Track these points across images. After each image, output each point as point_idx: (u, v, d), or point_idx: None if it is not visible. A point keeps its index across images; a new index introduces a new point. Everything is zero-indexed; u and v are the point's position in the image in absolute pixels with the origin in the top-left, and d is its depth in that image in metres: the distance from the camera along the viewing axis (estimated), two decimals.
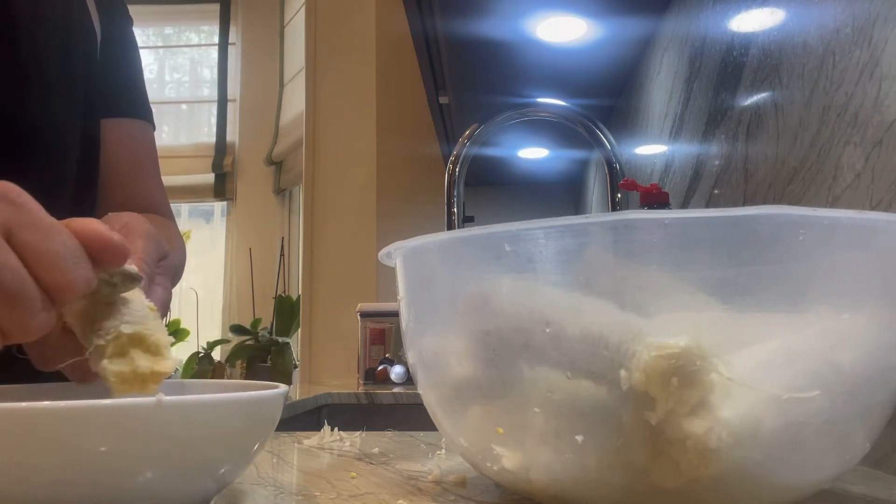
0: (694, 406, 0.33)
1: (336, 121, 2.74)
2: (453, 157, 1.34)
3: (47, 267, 0.35)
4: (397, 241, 0.45)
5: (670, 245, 0.34)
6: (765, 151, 0.89)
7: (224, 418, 0.37)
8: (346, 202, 2.68)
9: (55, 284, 0.35)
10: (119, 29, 0.78)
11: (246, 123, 3.95)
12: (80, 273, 0.36)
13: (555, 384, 0.36)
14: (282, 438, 0.75)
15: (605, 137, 1.27)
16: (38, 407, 0.33)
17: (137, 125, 0.78)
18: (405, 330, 0.47)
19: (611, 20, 1.51)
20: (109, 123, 0.75)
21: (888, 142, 0.60)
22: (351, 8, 2.77)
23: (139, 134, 0.78)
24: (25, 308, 0.34)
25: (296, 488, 0.49)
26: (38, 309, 0.35)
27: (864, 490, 0.48)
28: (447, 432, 0.46)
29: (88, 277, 0.36)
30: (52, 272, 0.35)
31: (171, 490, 0.37)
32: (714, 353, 0.33)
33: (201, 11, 4.09)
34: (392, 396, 1.54)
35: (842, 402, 0.35)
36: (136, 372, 0.38)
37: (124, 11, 0.80)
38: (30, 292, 0.34)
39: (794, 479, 0.37)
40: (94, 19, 0.73)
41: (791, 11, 0.82)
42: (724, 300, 0.34)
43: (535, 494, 0.42)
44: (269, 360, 3.25)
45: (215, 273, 3.91)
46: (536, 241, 0.37)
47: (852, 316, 0.36)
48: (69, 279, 0.35)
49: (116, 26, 0.77)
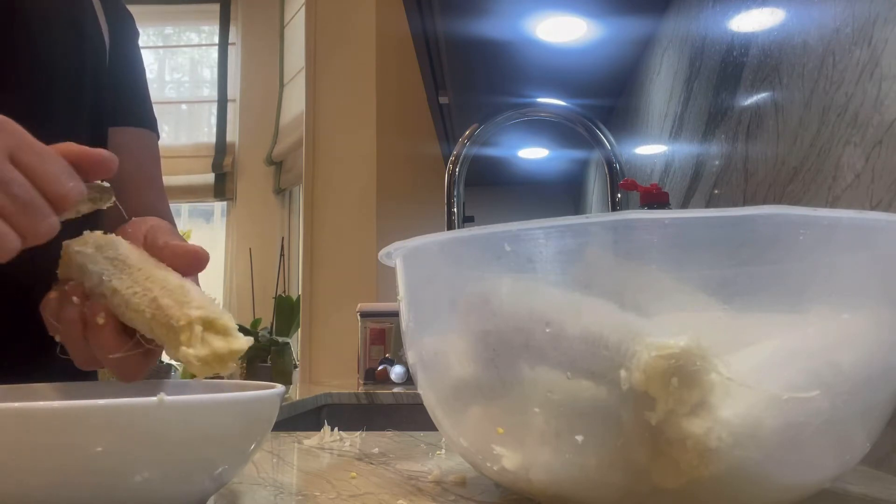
0: (694, 406, 0.32)
1: (336, 121, 2.74)
2: (453, 157, 1.34)
3: (47, 181, 0.41)
4: (397, 241, 0.45)
5: (670, 245, 0.34)
6: (765, 151, 0.89)
7: (221, 418, 0.37)
8: (346, 202, 2.68)
9: (55, 195, 0.41)
10: (127, 38, 0.79)
11: (246, 123, 3.95)
12: (73, 185, 0.43)
13: (555, 384, 0.36)
14: (282, 438, 0.75)
15: (605, 137, 1.27)
16: (35, 407, 0.33)
17: (143, 134, 0.79)
18: (405, 330, 0.47)
19: (611, 20, 1.51)
20: (116, 132, 0.75)
21: (888, 142, 0.60)
22: (351, 8, 2.77)
23: (145, 143, 0.79)
24: (36, 213, 0.41)
25: (296, 488, 0.49)
26: (47, 213, 0.41)
27: (864, 490, 0.48)
28: (447, 432, 0.46)
29: (80, 189, 0.43)
30: (52, 185, 0.41)
31: (169, 489, 0.37)
32: (714, 354, 0.33)
33: (201, 11, 4.09)
34: (392, 396, 1.54)
35: (842, 402, 0.35)
36: (216, 353, 0.42)
37: (132, 22, 0.81)
38: (39, 200, 0.41)
39: (794, 478, 0.37)
40: (104, 29, 0.74)
41: (791, 11, 0.82)
42: (725, 300, 0.34)
43: (534, 494, 0.42)
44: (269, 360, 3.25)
45: (215, 273, 3.91)
46: (536, 241, 0.37)
47: (852, 316, 0.36)
48: (66, 190, 0.42)
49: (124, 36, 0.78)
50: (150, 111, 0.81)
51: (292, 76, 3.67)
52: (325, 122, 2.76)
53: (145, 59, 0.83)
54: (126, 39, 0.78)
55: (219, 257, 3.93)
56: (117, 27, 0.77)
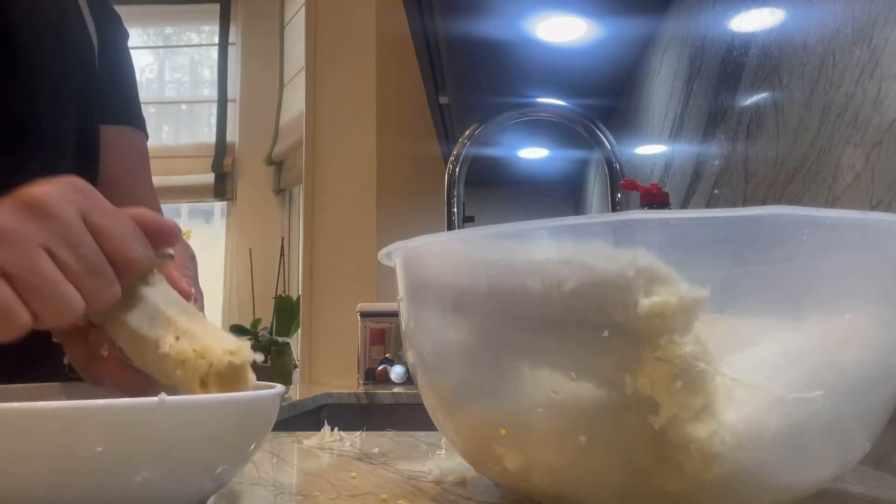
0: (698, 411, 0.32)
1: (336, 121, 2.74)
2: (453, 157, 1.34)
3: (116, 245, 0.41)
4: (397, 241, 0.45)
5: (672, 245, 0.34)
6: (765, 151, 0.89)
7: (221, 418, 0.37)
8: (346, 202, 2.68)
9: (122, 260, 0.41)
10: (115, 39, 0.79)
11: (246, 123, 3.95)
12: (141, 250, 0.42)
13: (558, 385, 0.36)
14: (282, 438, 0.75)
15: (605, 137, 1.27)
16: (35, 407, 0.33)
17: (133, 134, 0.79)
18: (405, 330, 0.47)
19: (611, 20, 1.51)
20: (106, 130, 0.76)
21: (888, 142, 0.60)
22: (351, 8, 2.77)
23: (135, 142, 0.80)
24: (103, 279, 0.40)
25: (296, 488, 0.49)
26: (112, 281, 0.41)
27: (864, 490, 0.48)
28: (447, 432, 0.46)
29: (149, 255, 0.43)
30: (120, 250, 0.41)
31: (169, 489, 0.36)
32: (718, 356, 0.33)
33: (201, 11, 4.09)
34: (392, 396, 1.54)
35: (844, 402, 0.35)
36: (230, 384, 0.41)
37: (119, 23, 0.81)
38: (106, 266, 0.40)
39: (795, 479, 0.37)
40: (91, 29, 0.74)
41: (791, 11, 0.82)
42: (727, 301, 0.34)
43: (536, 495, 0.41)
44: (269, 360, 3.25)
45: (215, 273, 3.91)
46: (537, 241, 0.37)
47: (854, 316, 0.36)
48: (134, 255, 0.41)
49: (112, 37, 0.79)
50: (139, 111, 0.82)
51: (292, 76, 3.67)
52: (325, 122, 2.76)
53: (145, 60, 0.84)
54: (114, 40, 0.79)
55: (219, 257, 3.93)
56: (105, 28, 0.77)
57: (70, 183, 0.41)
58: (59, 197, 0.39)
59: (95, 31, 0.75)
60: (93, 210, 0.40)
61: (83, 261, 0.39)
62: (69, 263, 0.39)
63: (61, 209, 0.39)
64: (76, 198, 0.40)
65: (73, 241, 0.39)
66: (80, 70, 0.72)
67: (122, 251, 0.41)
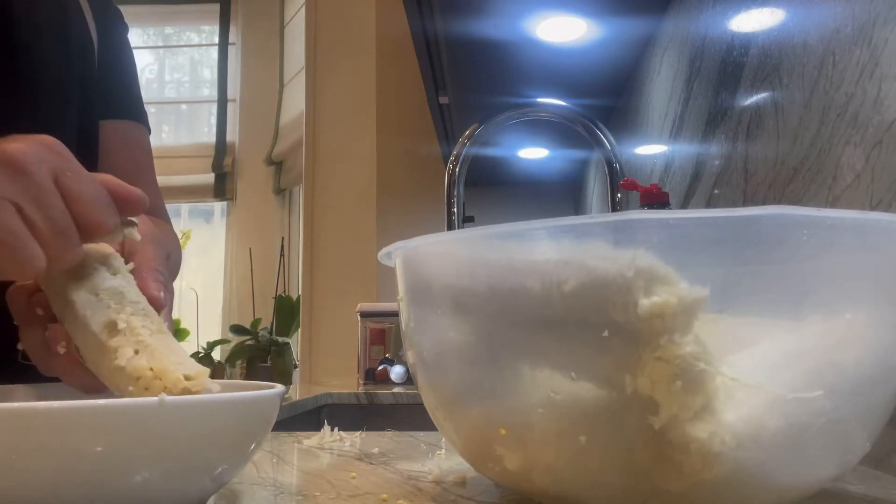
0: (698, 411, 0.32)
1: (336, 121, 2.74)
2: (453, 157, 1.34)
3: (84, 208, 0.41)
4: (397, 241, 0.45)
5: (672, 245, 0.34)
6: (765, 151, 0.89)
7: (221, 418, 0.37)
8: (346, 202, 2.68)
9: (91, 222, 0.42)
10: (115, 34, 0.79)
11: (246, 123, 3.95)
12: (108, 216, 0.42)
13: (558, 385, 0.36)
14: (282, 438, 0.75)
15: (605, 137, 1.27)
16: (35, 407, 0.33)
17: (135, 127, 0.79)
18: (405, 330, 0.47)
19: (611, 20, 1.51)
20: (107, 125, 0.76)
21: (888, 142, 0.60)
22: (351, 8, 2.77)
23: (137, 136, 0.79)
24: (67, 241, 0.41)
25: (296, 488, 0.49)
26: (76, 243, 0.41)
27: (864, 490, 0.48)
28: (447, 432, 0.46)
29: (115, 221, 0.43)
30: (87, 213, 0.41)
31: (169, 489, 0.36)
32: (718, 356, 0.33)
33: (201, 11, 4.09)
34: (392, 396, 1.54)
35: (844, 402, 0.35)
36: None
37: (120, 18, 0.81)
38: (73, 229, 0.41)
39: (795, 479, 0.37)
40: (91, 26, 0.74)
41: (791, 11, 0.82)
42: (727, 301, 0.34)
43: (536, 495, 0.41)
44: (269, 360, 3.25)
45: (215, 273, 3.91)
46: (537, 242, 0.37)
47: (854, 316, 0.36)
48: (101, 220, 0.42)
49: (113, 32, 0.79)
50: (141, 105, 0.82)
51: (292, 76, 3.67)
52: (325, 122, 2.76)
53: (145, 60, 0.84)
54: (115, 35, 0.79)
55: (219, 257, 3.93)
56: (105, 23, 0.77)
57: (44, 142, 0.41)
58: (32, 155, 0.40)
59: (95, 26, 0.76)
60: (64, 171, 0.41)
61: (49, 220, 0.40)
62: (36, 221, 0.39)
63: (34, 168, 0.40)
64: (49, 157, 0.41)
65: (43, 200, 0.40)
66: (80, 65, 0.72)
67: (89, 214, 0.41)
